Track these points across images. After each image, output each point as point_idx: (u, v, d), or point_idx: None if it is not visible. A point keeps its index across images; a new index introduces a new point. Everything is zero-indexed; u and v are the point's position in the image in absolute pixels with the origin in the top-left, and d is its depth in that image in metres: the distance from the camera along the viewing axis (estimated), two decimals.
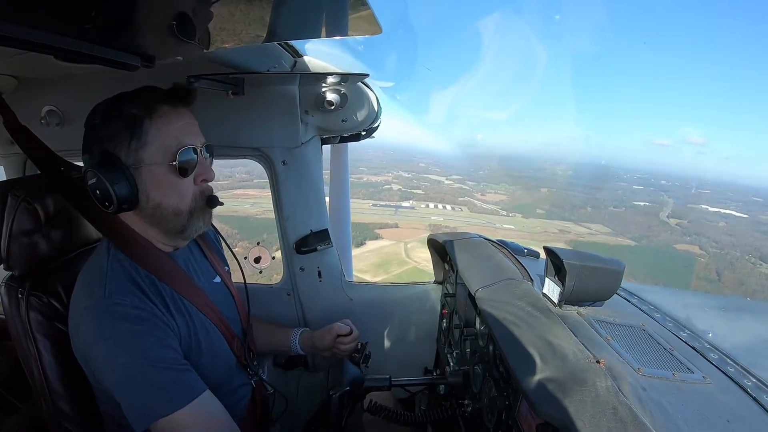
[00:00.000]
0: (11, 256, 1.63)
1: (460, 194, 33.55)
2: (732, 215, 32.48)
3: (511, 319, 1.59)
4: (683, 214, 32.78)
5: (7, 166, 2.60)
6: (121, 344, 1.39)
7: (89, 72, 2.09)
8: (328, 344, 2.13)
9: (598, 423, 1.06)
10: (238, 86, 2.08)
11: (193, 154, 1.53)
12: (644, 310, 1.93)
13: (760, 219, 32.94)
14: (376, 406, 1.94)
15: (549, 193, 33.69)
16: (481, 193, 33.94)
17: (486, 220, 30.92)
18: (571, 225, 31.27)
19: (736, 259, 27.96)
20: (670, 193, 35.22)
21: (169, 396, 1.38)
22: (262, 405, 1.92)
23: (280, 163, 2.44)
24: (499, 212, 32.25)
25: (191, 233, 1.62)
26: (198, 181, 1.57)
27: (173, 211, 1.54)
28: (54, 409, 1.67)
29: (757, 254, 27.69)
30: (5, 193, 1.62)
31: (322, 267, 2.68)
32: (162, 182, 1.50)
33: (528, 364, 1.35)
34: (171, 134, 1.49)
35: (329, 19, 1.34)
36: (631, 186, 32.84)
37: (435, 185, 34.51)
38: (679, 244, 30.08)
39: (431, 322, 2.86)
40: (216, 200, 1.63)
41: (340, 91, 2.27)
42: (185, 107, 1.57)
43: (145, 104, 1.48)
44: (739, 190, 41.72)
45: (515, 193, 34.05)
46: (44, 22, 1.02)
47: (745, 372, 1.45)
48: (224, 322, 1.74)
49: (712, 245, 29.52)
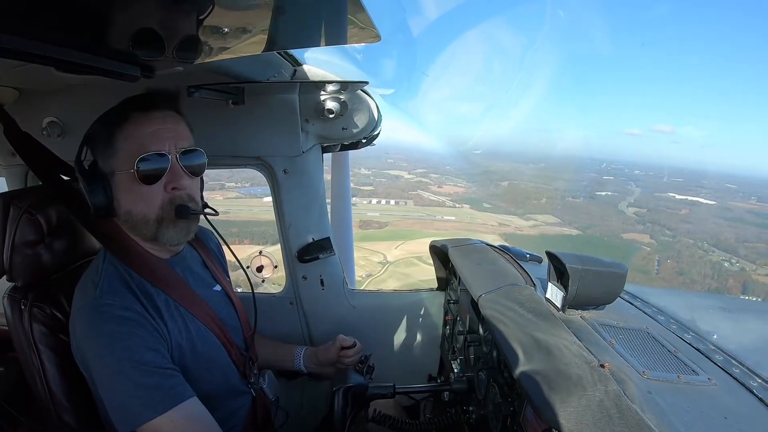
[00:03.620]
0: (14, 267, 1.63)
1: (412, 188, 33.27)
2: (699, 202, 32.07)
3: (515, 324, 1.58)
4: (647, 203, 32.37)
5: (9, 178, 2.60)
6: (107, 344, 1.40)
7: (90, 83, 2.10)
8: (333, 356, 2.13)
9: (602, 428, 1.05)
10: (238, 96, 2.08)
11: (156, 161, 1.49)
12: (648, 312, 1.93)
13: (728, 205, 32.59)
14: (380, 415, 1.93)
15: (509, 185, 33.51)
16: (438, 186, 33.63)
17: (427, 213, 30.72)
18: (514, 218, 31.09)
19: (687, 247, 27.68)
20: (642, 182, 34.94)
21: (152, 399, 1.38)
22: (263, 414, 1.91)
23: (281, 171, 2.44)
24: (445, 203, 31.99)
25: (166, 242, 1.59)
26: (168, 188, 1.53)
27: (141, 219, 1.53)
28: (58, 421, 1.66)
29: (712, 241, 27.39)
30: (7, 205, 1.62)
31: (324, 275, 2.67)
32: (129, 190, 1.51)
33: (533, 368, 1.34)
34: (137, 141, 1.48)
35: (328, 28, 1.35)
36: (601, 177, 32.60)
37: (392, 180, 34.02)
38: (628, 233, 29.70)
39: (435, 329, 2.85)
40: (185, 210, 1.55)
41: (340, 99, 2.27)
42: (161, 111, 1.55)
43: (120, 112, 1.50)
44: (713, 178, 41.27)
45: (471, 187, 33.84)
46: (45, 34, 1.03)
47: (751, 373, 1.44)
48: (223, 330, 1.74)
49: (665, 233, 29.26)
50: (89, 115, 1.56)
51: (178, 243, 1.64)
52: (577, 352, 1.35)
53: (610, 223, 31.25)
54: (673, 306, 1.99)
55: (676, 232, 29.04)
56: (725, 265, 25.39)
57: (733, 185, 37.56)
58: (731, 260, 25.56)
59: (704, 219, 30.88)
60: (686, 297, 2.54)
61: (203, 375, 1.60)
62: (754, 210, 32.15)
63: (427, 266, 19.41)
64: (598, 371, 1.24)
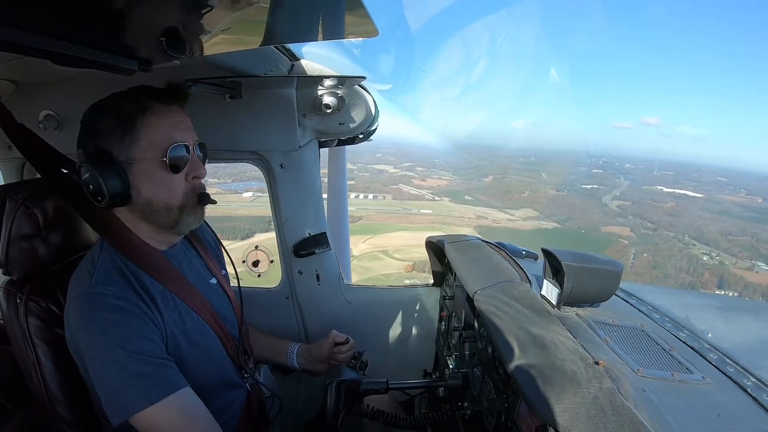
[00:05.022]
0: (10, 260, 1.63)
1: (394, 182, 33.19)
2: (686, 195, 32.03)
3: (510, 320, 1.58)
4: (632, 195, 32.28)
5: (5, 171, 2.60)
6: (100, 332, 1.40)
7: (87, 76, 2.09)
8: (326, 352, 2.14)
9: (596, 424, 1.06)
10: (235, 90, 2.08)
11: (184, 151, 1.54)
12: (643, 310, 1.93)
13: (716, 198, 32.55)
14: (374, 411, 1.94)
15: (494, 179, 33.49)
16: (421, 179, 33.56)
17: (403, 207, 30.67)
18: (493, 211, 30.99)
19: (666, 240, 27.60)
20: (632, 176, 34.89)
21: (145, 388, 1.38)
22: (258, 407, 1.92)
23: (278, 166, 2.44)
24: (424, 197, 31.92)
25: (183, 229, 1.63)
26: (189, 178, 1.58)
27: (164, 206, 1.55)
28: (53, 414, 1.66)
29: (694, 234, 27.31)
30: (3, 198, 1.62)
31: (320, 270, 2.67)
32: (153, 178, 1.52)
33: (528, 364, 1.35)
34: (162, 131, 1.51)
35: (326, 23, 1.35)
36: (590, 170, 32.53)
37: (375, 175, 33.92)
38: (609, 226, 29.69)
39: (430, 325, 2.86)
40: (208, 198, 1.63)
41: (337, 93, 2.27)
42: (177, 106, 1.59)
43: (138, 102, 1.50)
44: (705, 171, 41.30)
45: (456, 179, 33.78)
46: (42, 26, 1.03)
47: (745, 372, 1.45)
48: (219, 323, 1.74)
49: (646, 226, 29.15)
50: (86, 108, 1.55)
51: (191, 230, 1.68)
52: (572, 348, 1.36)
53: (591, 216, 31.13)
54: (668, 304, 2.00)
55: (658, 225, 28.95)
56: (704, 258, 25.34)
57: (724, 178, 37.53)
58: (711, 254, 25.51)
59: (690, 212, 30.79)
60: (681, 295, 2.55)
61: (198, 367, 1.61)
62: (743, 203, 32.06)
63: (391, 260, 19.37)
64: (593, 368, 1.25)
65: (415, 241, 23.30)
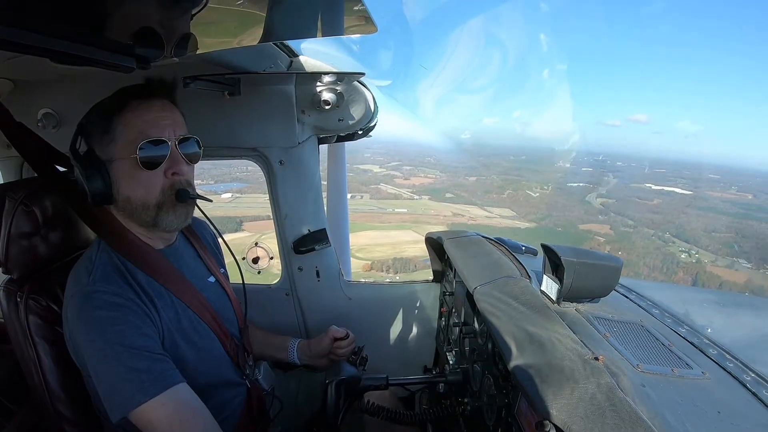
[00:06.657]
0: (9, 259, 1.63)
1: (374, 182, 33.03)
2: (675, 192, 31.70)
3: (509, 316, 1.59)
4: (618, 193, 31.90)
5: (5, 169, 2.60)
6: (98, 329, 1.40)
7: (85, 74, 2.08)
8: (326, 347, 2.14)
9: (595, 420, 1.06)
10: (234, 87, 2.07)
11: (158, 147, 1.51)
12: (642, 306, 1.94)
13: (705, 195, 32.16)
14: (374, 407, 1.94)
15: (477, 180, 33.36)
16: (405, 178, 33.41)
17: (378, 207, 30.37)
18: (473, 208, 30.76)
19: (645, 237, 27.17)
20: (621, 173, 34.62)
21: (143, 383, 1.38)
22: (258, 405, 1.92)
23: (277, 163, 2.44)
24: (402, 196, 31.76)
25: (166, 226, 1.60)
26: (169, 174, 1.56)
27: (141, 204, 1.55)
28: (54, 412, 1.67)
29: (675, 231, 26.89)
30: (2, 196, 1.62)
31: (320, 267, 2.68)
32: (129, 176, 1.52)
33: (526, 362, 1.35)
34: (137, 128, 1.49)
35: (325, 19, 1.34)
36: (579, 168, 32.28)
37: (358, 175, 33.81)
38: (588, 224, 29.07)
39: (430, 321, 2.86)
40: (185, 194, 1.58)
41: (336, 90, 2.26)
42: (161, 100, 1.57)
43: (117, 100, 1.51)
44: (697, 168, 40.91)
45: (441, 176, 33.62)
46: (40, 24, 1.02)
47: (745, 367, 1.45)
48: (217, 321, 1.74)
49: (626, 224, 28.77)
50: (84, 106, 1.55)
51: (176, 228, 1.65)
52: (570, 346, 1.36)
53: (570, 214, 30.81)
54: (667, 299, 2.00)
55: (639, 222, 28.66)
56: (682, 256, 25.01)
57: (715, 175, 37.34)
58: (690, 251, 25.21)
59: (675, 209, 30.53)
60: (681, 291, 2.55)
61: (197, 365, 1.61)
62: (731, 200, 31.71)
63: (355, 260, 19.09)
64: (591, 364, 1.25)
65: (380, 240, 23.55)
